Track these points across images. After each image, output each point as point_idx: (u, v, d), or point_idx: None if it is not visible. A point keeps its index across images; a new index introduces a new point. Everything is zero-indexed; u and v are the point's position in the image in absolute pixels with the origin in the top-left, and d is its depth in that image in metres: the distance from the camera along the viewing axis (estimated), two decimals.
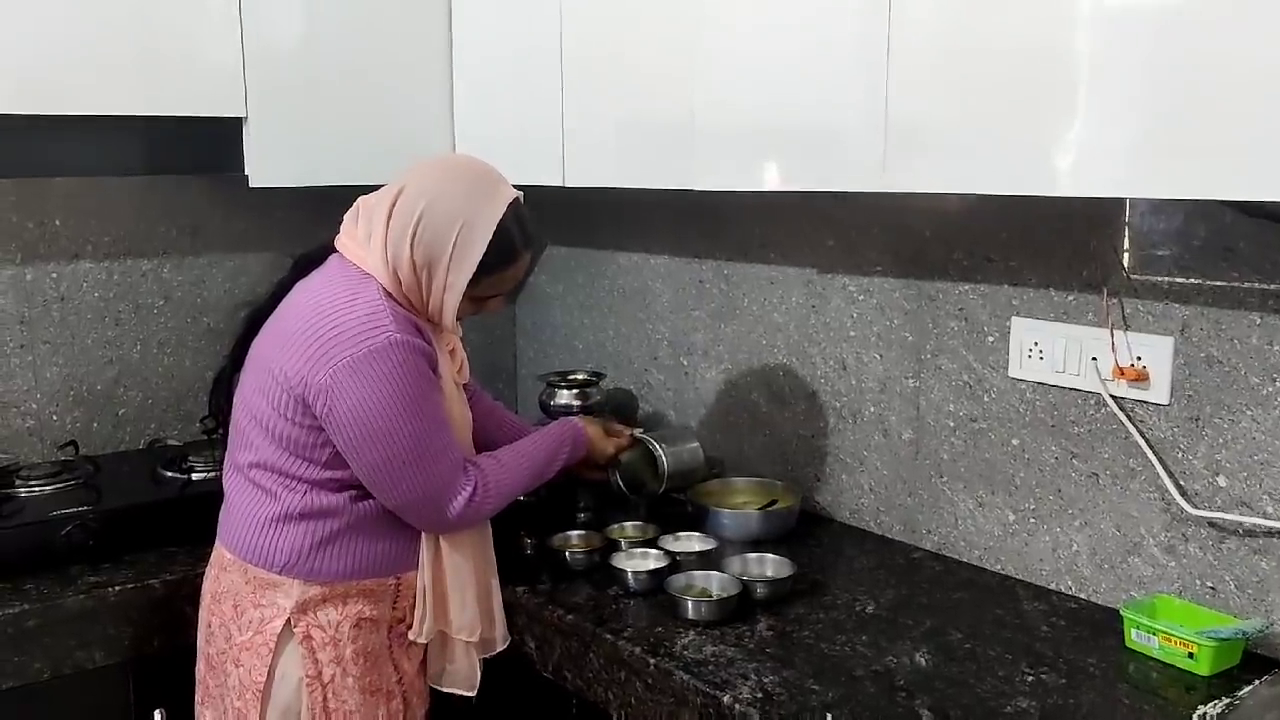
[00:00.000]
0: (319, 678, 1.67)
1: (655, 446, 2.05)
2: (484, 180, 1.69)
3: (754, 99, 1.75)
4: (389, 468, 1.64)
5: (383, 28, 2.28)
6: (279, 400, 1.64)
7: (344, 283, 1.67)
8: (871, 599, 1.82)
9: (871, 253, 2.07)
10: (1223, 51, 1.22)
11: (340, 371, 1.59)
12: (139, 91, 2.02)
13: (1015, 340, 1.86)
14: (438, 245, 1.64)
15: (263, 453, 1.68)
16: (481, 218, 1.65)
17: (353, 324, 1.61)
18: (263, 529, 1.68)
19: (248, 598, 1.69)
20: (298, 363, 1.61)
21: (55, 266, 2.32)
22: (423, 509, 1.69)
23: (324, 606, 1.67)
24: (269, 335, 1.71)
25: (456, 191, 1.66)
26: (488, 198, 1.67)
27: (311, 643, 1.67)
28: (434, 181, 1.67)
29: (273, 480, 1.68)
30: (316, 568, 1.67)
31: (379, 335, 1.60)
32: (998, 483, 1.91)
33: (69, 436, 2.32)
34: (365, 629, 1.70)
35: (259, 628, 1.67)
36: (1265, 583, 1.59)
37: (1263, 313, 1.56)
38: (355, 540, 1.69)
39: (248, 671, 1.67)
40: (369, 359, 1.59)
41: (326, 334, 1.61)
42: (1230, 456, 1.61)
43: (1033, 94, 1.39)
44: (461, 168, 1.72)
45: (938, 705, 1.47)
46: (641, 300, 2.56)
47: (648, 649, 1.64)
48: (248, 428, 1.70)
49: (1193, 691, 1.50)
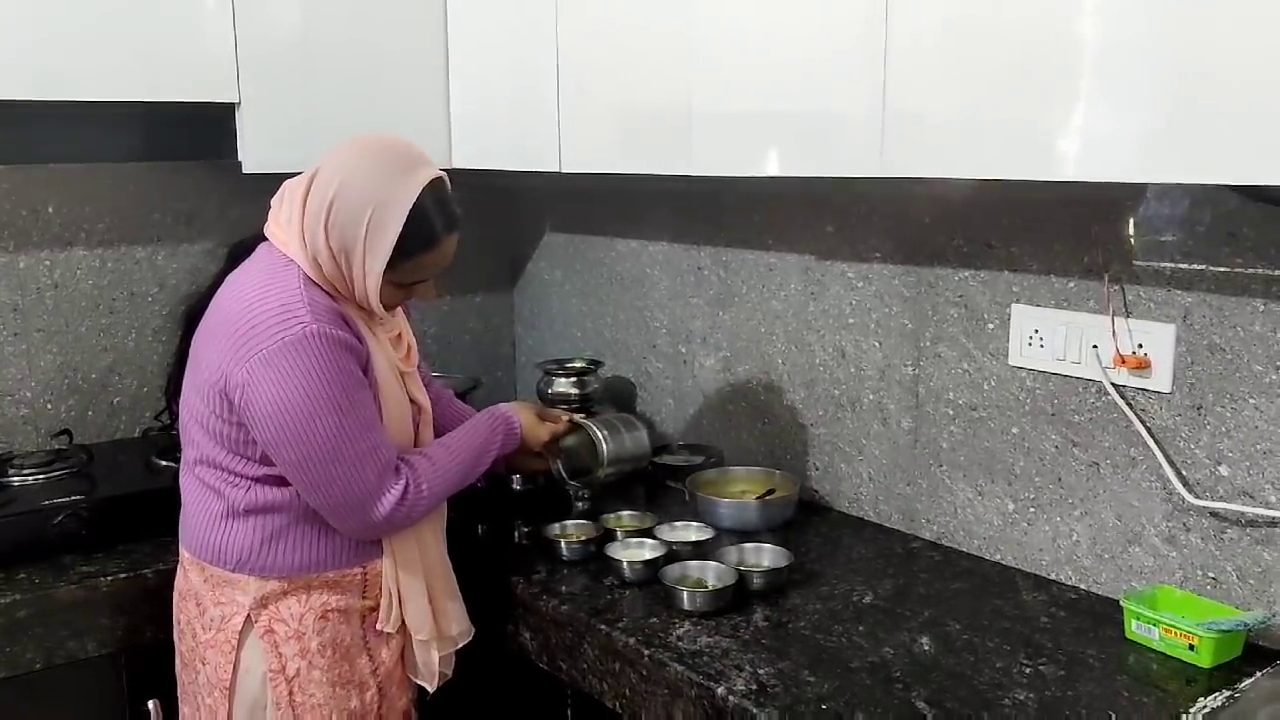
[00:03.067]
0: (283, 671, 1.64)
1: (594, 431, 1.97)
2: (399, 160, 1.62)
3: (751, 84, 1.73)
4: (308, 468, 1.57)
5: (378, 12, 2.26)
6: (209, 397, 1.60)
7: (266, 272, 1.62)
8: (869, 589, 1.80)
9: (871, 239, 2.05)
10: (1230, 34, 1.19)
11: (255, 365, 1.53)
12: (131, 77, 2.00)
13: (1015, 328, 1.83)
14: (351, 229, 1.57)
15: (204, 449, 1.64)
16: (393, 202, 1.57)
17: (268, 315, 1.55)
18: (213, 527, 1.65)
19: (208, 596, 1.67)
20: (220, 357, 1.57)
21: (48, 254, 2.31)
22: (344, 512, 1.61)
23: (285, 600, 1.64)
24: (201, 332, 1.66)
25: (369, 172, 1.59)
26: (402, 179, 1.59)
27: (274, 636, 1.64)
28: (348, 162, 1.60)
29: (217, 478, 1.64)
30: (270, 563, 1.63)
31: (294, 326, 1.53)
32: (997, 472, 1.89)
33: (63, 425, 2.32)
34: (333, 620, 1.67)
35: (220, 625, 1.65)
36: (1268, 574, 1.57)
37: (1266, 299, 1.54)
38: (307, 534, 1.65)
39: (214, 669, 1.66)
40: (283, 351, 1.53)
41: (244, 326, 1.56)
42: (1232, 445, 1.59)
43: (1036, 77, 1.37)
44: (377, 148, 1.64)
45: (935, 697, 1.45)
46: (640, 288, 2.54)
47: (642, 640, 1.63)
48: (189, 425, 1.67)
49: (1193, 684, 1.48)
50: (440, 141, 2.35)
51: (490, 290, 2.94)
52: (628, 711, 1.65)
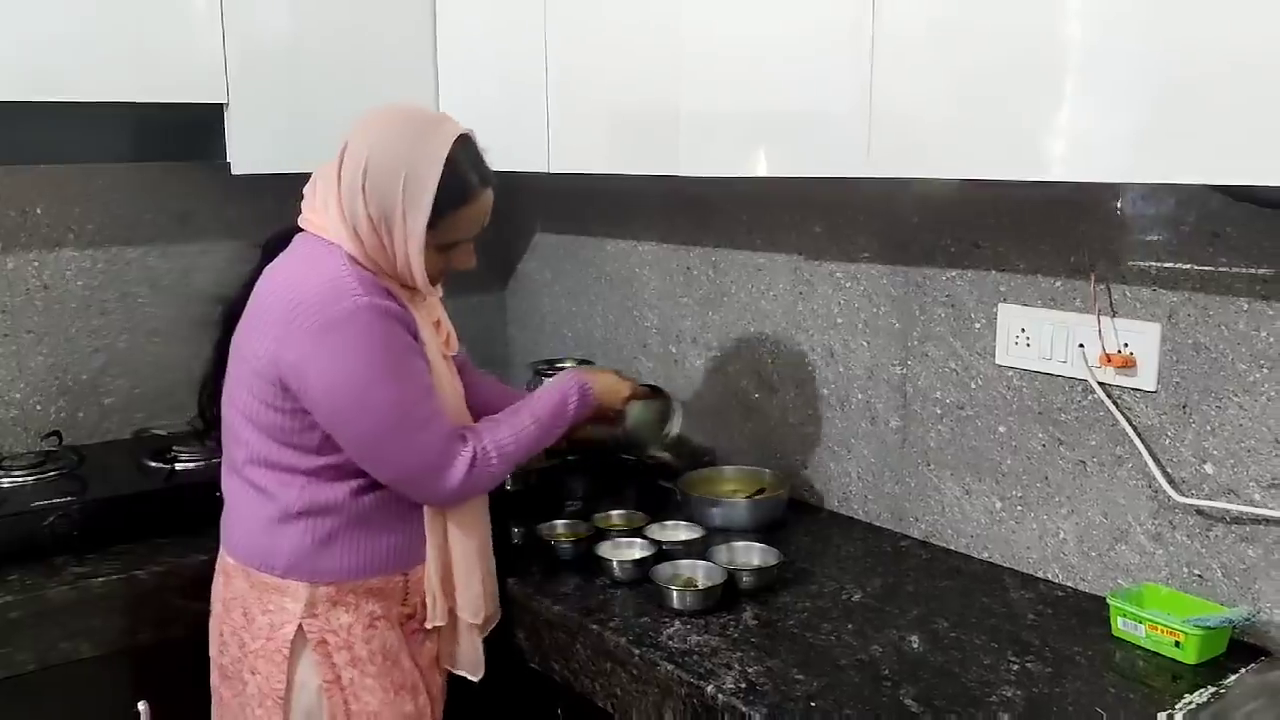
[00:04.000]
0: (337, 682, 1.62)
1: (673, 401, 1.97)
2: (423, 120, 1.63)
3: (739, 85, 1.74)
4: (374, 441, 1.57)
5: (366, 13, 2.27)
6: (259, 389, 1.59)
7: (304, 258, 1.62)
8: (858, 587, 1.81)
9: (859, 239, 2.06)
10: (1216, 35, 1.20)
11: (307, 343, 1.53)
12: (120, 78, 2.01)
13: (1002, 327, 1.85)
14: (388, 193, 1.57)
15: (255, 447, 1.62)
16: (426, 157, 1.58)
17: (315, 293, 1.55)
18: (263, 530, 1.63)
19: (255, 604, 1.64)
20: (269, 344, 1.56)
21: (38, 255, 2.31)
22: (421, 481, 1.62)
23: (335, 610, 1.63)
24: (243, 326, 1.66)
25: (397, 135, 1.59)
26: (430, 135, 1.60)
27: (327, 647, 1.62)
28: (374, 131, 1.61)
29: (268, 477, 1.62)
30: (321, 567, 1.62)
31: (344, 300, 1.54)
32: (985, 470, 1.91)
33: (53, 427, 2.31)
34: (380, 628, 1.66)
35: (270, 634, 1.62)
36: (1252, 570, 1.59)
37: (1250, 298, 1.55)
38: (358, 536, 1.63)
39: (265, 679, 1.62)
40: (334, 325, 1.53)
41: (290, 308, 1.55)
42: (1217, 444, 1.61)
43: (1022, 78, 1.38)
44: (399, 112, 1.65)
45: (923, 695, 1.46)
46: (630, 287, 2.55)
47: (633, 639, 1.63)
48: (236, 424, 1.65)
49: (1179, 680, 1.50)
50: None
51: (482, 290, 2.95)
52: (619, 711, 1.66)
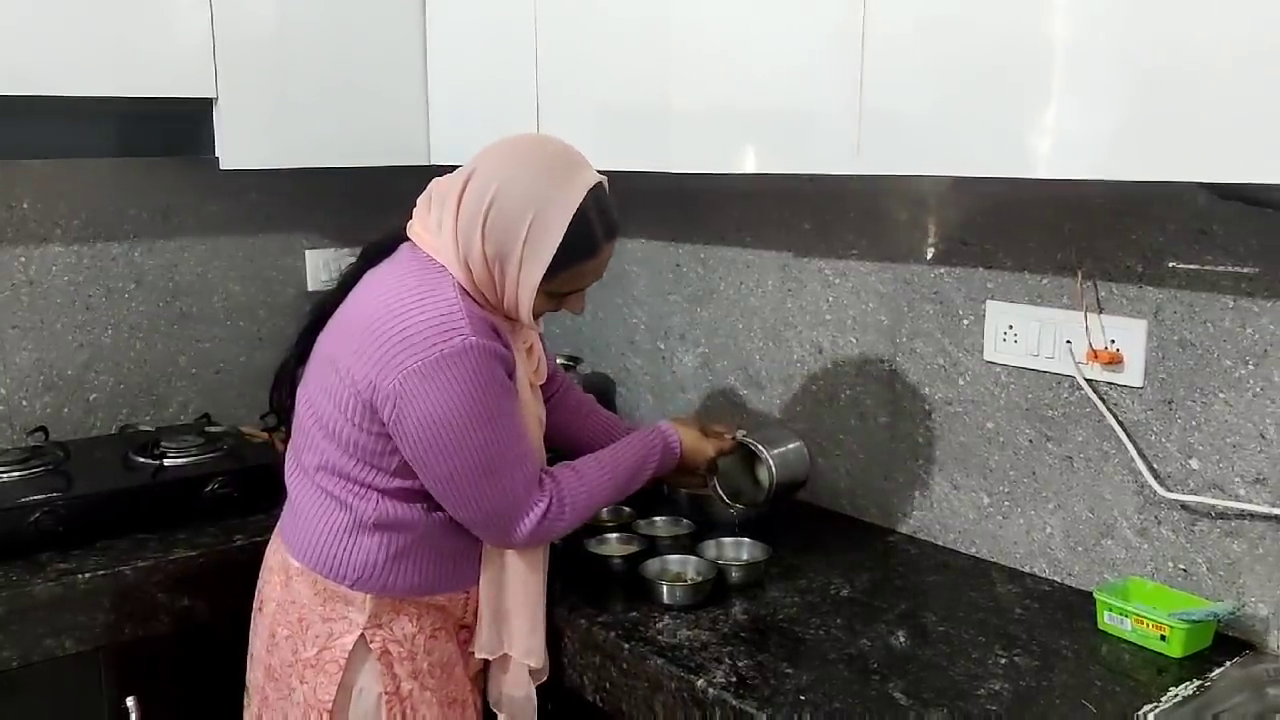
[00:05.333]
0: (397, 693, 1.59)
1: (760, 450, 1.85)
2: (561, 162, 1.54)
3: (729, 82, 1.74)
4: (459, 480, 1.52)
5: (356, 7, 2.26)
6: (345, 404, 1.53)
7: (416, 277, 1.53)
8: (847, 582, 1.82)
9: (848, 236, 2.07)
10: (1200, 33, 1.21)
11: (410, 377, 1.46)
12: (107, 72, 2.00)
13: (990, 324, 1.85)
14: (509, 236, 1.49)
15: (329, 456, 1.57)
16: (557, 205, 1.49)
17: (425, 325, 1.47)
18: (336, 539, 1.58)
19: (315, 610, 1.60)
20: (365, 366, 1.49)
21: (23, 250, 2.29)
22: (492, 525, 1.57)
23: (398, 619, 1.60)
24: (335, 331, 1.59)
25: (530, 175, 1.50)
26: (565, 182, 1.51)
27: (389, 657, 1.59)
28: (506, 164, 1.52)
29: (342, 487, 1.57)
30: (390, 582, 1.58)
31: (453, 339, 1.46)
32: (972, 466, 1.91)
33: (39, 422, 2.30)
34: (440, 639, 1.64)
35: (326, 643, 1.59)
36: (1237, 565, 1.60)
37: (1235, 295, 1.57)
38: (429, 553, 1.60)
39: (313, 690, 1.59)
40: (441, 364, 1.46)
41: (396, 335, 1.48)
42: (1203, 439, 1.62)
43: (1010, 76, 1.38)
44: (537, 149, 1.57)
45: (911, 688, 1.47)
46: (618, 284, 2.55)
47: (622, 634, 1.64)
48: (312, 429, 1.59)
49: (1164, 673, 1.51)
50: (418, 137, 2.36)
51: None
52: (609, 705, 1.66)
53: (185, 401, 2.51)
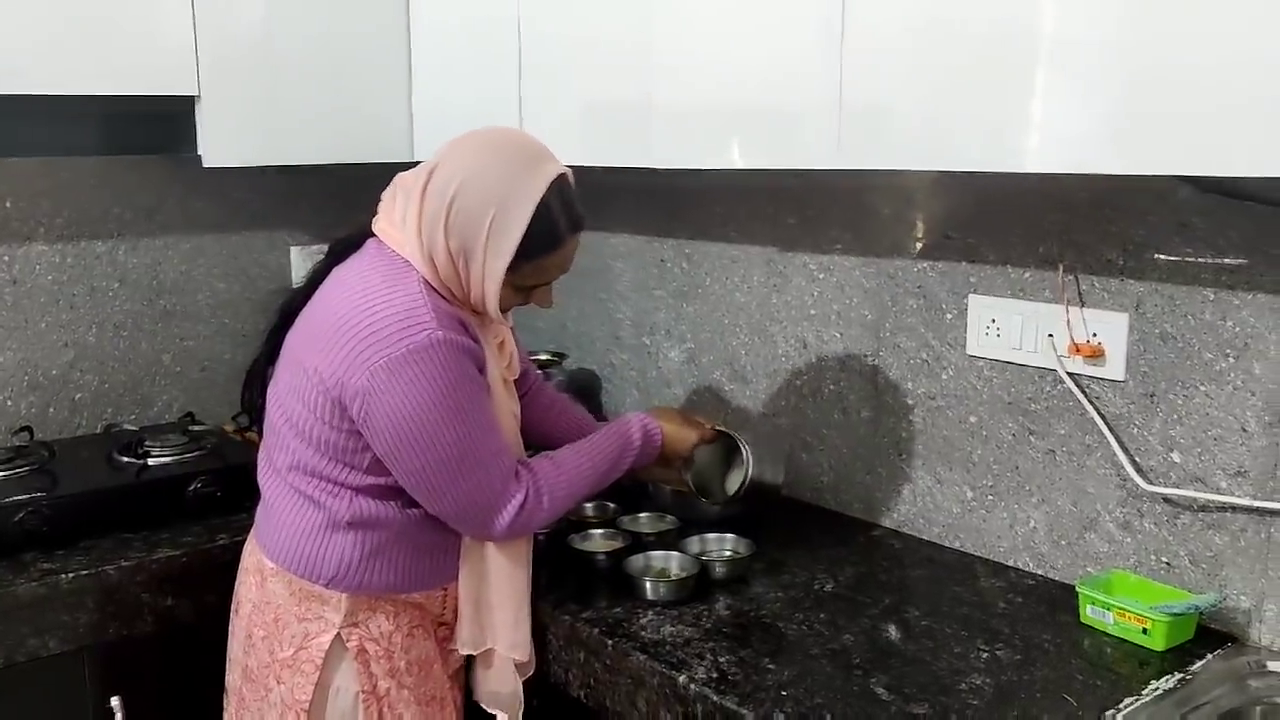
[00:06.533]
0: (374, 692, 1.59)
1: (738, 438, 1.85)
2: (523, 155, 1.54)
3: (711, 78, 1.74)
4: (432, 475, 1.52)
5: (339, 5, 2.25)
6: (315, 402, 1.52)
7: (381, 273, 1.54)
8: (830, 577, 1.82)
9: (832, 231, 2.07)
10: (1187, 28, 1.21)
11: (378, 373, 1.46)
12: (90, 70, 1.99)
13: (973, 318, 1.86)
14: (472, 229, 1.50)
15: (300, 455, 1.57)
16: (519, 198, 1.50)
17: (391, 320, 1.47)
18: (309, 538, 1.57)
19: (291, 610, 1.59)
20: (333, 363, 1.49)
21: (6, 249, 2.28)
22: (469, 519, 1.58)
23: (375, 618, 1.60)
24: (303, 329, 1.59)
25: (491, 168, 1.51)
26: (527, 175, 1.51)
27: (366, 656, 1.59)
28: (468, 158, 1.52)
29: (314, 486, 1.57)
30: (366, 581, 1.58)
31: (419, 333, 1.47)
32: (955, 460, 1.92)
33: (23, 422, 2.29)
34: (418, 637, 1.64)
35: (302, 643, 1.58)
36: (1219, 557, 1.60)
37: (1216, 289, 1.57)
38: (405, 550, 1.59)
39: (290, 690, 1.58)
40: (408, 359, 1.46)
41: (363, 331, 1.48)
42: (1184, 432, 1.62)
43: (993, 70, 1.38)
44: (499, 142, 1.57)
45: (894, 683, 1.47)
46: (603, 280, 2.55)
47: (606, 630, 1.64)
48: (282, 428, 1.59)
49: (1146, 666, 1.51)
50: (402, 135, 2.35)
51: None
52: (592, 700, 1.66)
53: (170, 400, 2.51)
